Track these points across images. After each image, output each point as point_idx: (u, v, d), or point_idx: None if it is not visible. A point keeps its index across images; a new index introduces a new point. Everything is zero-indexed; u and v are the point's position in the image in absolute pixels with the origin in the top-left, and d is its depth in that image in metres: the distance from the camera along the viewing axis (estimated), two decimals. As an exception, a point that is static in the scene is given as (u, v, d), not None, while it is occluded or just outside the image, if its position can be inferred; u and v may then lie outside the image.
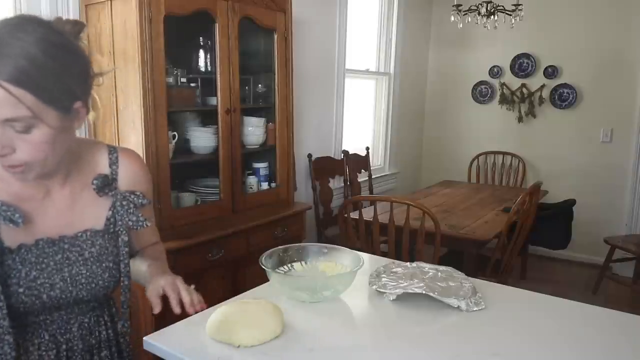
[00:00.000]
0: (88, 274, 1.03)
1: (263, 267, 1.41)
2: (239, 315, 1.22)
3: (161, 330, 1.27)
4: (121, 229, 1.07)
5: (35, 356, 1.01)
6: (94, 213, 1.06)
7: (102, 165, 1.09)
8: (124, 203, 1.07)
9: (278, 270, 1.48)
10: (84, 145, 1.08)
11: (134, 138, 2.16)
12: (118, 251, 1.08)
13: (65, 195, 1.03)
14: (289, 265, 1.53)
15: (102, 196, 1.05)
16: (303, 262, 1.55)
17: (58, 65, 0.87)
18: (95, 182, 1.04)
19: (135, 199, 1.08)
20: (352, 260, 1.50)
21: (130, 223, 1.08)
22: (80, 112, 0.94)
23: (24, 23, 0.86)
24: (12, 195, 0.97)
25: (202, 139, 2.47)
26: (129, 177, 1.11)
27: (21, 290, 0.96)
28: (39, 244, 0.98)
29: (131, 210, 1.07)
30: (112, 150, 1.12)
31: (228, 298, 1.45)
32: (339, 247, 1.58)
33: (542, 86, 4.51)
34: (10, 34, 0.83)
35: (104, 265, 1.05)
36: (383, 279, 1.51)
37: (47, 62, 0.85)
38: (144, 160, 2.08)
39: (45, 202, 1.01)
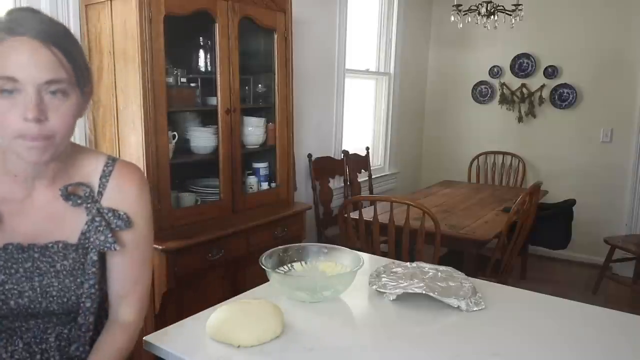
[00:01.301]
0: (60, 287, 0.97)
1: (263, 267, 1.41)
2: (239, 315, 1.21)
3: (161, 330, 1.27)
4: (91, 247, 0.99)
5: None
6: (70, 225, 0.99)
7: (93, 176, 1.02)
8: (97, 219, 0.98)
9: (278, 270, 1.48)
10: (80, 153, 1.04)
11: (134, 138, 2.16)
12: (84, 269, 0.98)
13: (46, 200, 0.98)
14: (289, 265, 1.53)
15: (74, 207, 0.98)
16: (303, 262, 1.55)
17: (75, 40, 0.92)
18: (62, 188, 0.97)
19: (111, 217, 0.99)
20: (352, 260, 1.50)
21: (98, 242, 0.98)
22: (89, 98, 0.96)
23: (27, 8, 0.91)
24: None
25: (202, 139, 2.47)
26: (116, 193, 1.02)
27: None
28: (7, 248, 0.94)
29: (101, 229, 0.98)
30: (110, 162, 1.04)
31: (228, 298, 1.45)
32: (339, 247, 1.58)
33: (542, 86, 4.51)
34: (23, 13, 0.87)
35: (78, 280, 0.98)
36: (383, 279, 1.51)
37: (67, 32, 0.90)
38: (145, 162, 2.10)
39: (25, 205, 0.97)
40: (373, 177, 4.28)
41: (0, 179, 0.95)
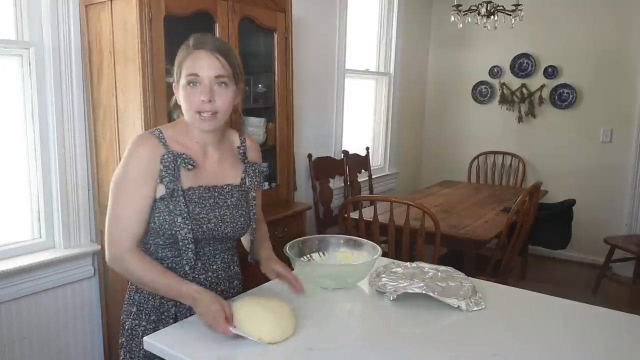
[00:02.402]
0: (230, 215, 1.40)
1: (287, 254, 1.53)
2: (265, 310, 1.23)
3: (161, 330, 1.27)
4: (250, 187, 1.47)
5: (190, 278, 1.38)
6: (233, 173, 1.45)
7: (237, 142, 1.50)
8: (252, 169, 1.47)
9: (302, 259, 1.58)
10: (227, 130, 1.51)
11: (134, 138, 2.15)
12: (248, 203, 1.47)
13: (216, 158, 1.42)
14: (309, 255, 1.62)
15: (240, 161, 1.47)
16: (321, 253, 1.64)
17: (233, 53, 1.37)
18: (241, 150, 1.49)
19: (258, 167, 1.50)
20: (370, 251, 1.58)
21: (256, 183, 1.48)
22: (241, 91, 1.41)
23: (206, 34, 1.37)
24: (189, 154, 1.36)
25: (202, 139, 2.47)
26: (252, 152, 1.52)
27: (188, 220, 1.33)
28: (200, 188, 1.37)
29: (257, 174, 1.48)
30: (240, 135, 1.54)
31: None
32: (360, 239, 1.66)
33: (542, 86, 4.51)
34: (203, 37, 1.34)
35: (240, 212, 1.43)
36: (383, 279, 1.51)
37: (228, 47, 1.38)
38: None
39: (206, 162, 1.40)
40: (373, 177, 4.28)
41: (191, 145, 1.38)
